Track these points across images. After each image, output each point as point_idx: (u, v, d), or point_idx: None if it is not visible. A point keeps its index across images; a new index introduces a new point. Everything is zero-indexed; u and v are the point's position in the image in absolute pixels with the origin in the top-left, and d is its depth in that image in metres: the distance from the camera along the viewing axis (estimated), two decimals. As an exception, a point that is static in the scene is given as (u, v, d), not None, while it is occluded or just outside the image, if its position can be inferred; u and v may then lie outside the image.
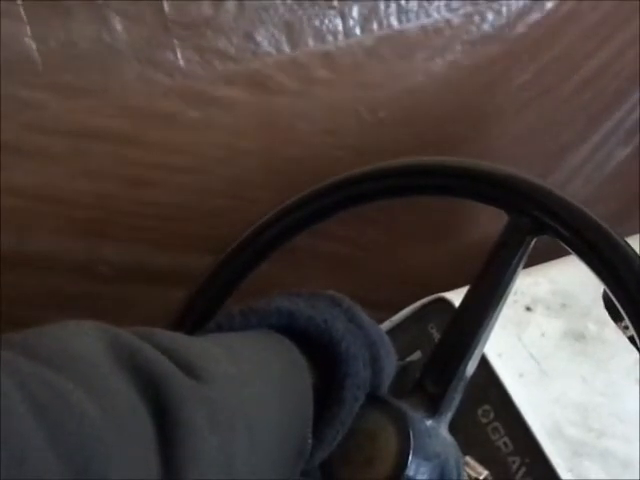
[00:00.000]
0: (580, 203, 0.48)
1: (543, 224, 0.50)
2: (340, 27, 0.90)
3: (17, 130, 0.79)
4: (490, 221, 0.53)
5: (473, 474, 0.55)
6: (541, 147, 1.13)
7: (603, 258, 0.47)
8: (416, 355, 0.66)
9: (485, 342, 0.51)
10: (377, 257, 1.07)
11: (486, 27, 0.98)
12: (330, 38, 0.90)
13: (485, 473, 0.56)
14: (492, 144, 1.07)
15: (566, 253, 0.51)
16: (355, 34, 0.92)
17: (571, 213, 0.48)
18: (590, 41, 1.06)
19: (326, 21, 0.89)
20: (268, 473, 0.40)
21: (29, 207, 0.83)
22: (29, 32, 0.74)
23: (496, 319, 0.51)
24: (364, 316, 0.48)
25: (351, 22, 0.91)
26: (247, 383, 0.39)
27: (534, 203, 0.50)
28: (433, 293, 0.72)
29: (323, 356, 0.44)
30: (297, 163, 0.93)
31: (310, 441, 0.43)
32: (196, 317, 0.59)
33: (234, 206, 0.93)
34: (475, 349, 0.50)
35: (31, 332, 0.33)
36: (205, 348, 0.39)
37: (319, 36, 0.90)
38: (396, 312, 0.74)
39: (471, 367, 0.51)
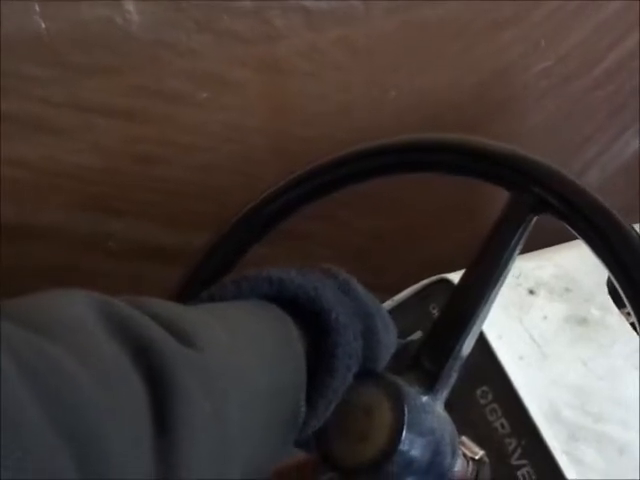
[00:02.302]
0: (583, 182, 0.48)
1: (544, 202, 0.49)
2: (359, 11, 0.90)
3: (25, 104, 0.79)
4: (498, 203, 0.53)
5: (469, 454, 0.55)
6: (559, 138, 1.12)
7: (604, 239, 0.47)
8: (417, 335, 0.66)
9: (483, 320, 0.51)
10: (389, 244, 1.07)
11: (504, 11, 0.97)
12: (348, 23, 0.90)
13: (481, 453, 0.56)
14: (505, 132, 1.06)
15: (571, 238, 0.51)
16: (374, 18, 0.91)
17: (573, 191, 0.48)
18: (614, 31, 1.05)
19: (344, 5, 0.89)
20: (261, 440, 0.40)
21: (36, 180, 0.84)
22: (38, 10, 0.75)
23: (495, 298, 0.50)
24: (360, 288, 0.48)
25: (370, 6, 0.90)
26: (240, 351, 0.39)
27: (536, 180, 0.49)
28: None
29: (314, 325, 0.44)
30: (307, 143, 0.93)
31: (303, 409, 0.43)
32: (195, 291, 0.59)
33: (242, 184, 0.93)
34: (473, 327, 0.50)
35: (21, 301, 0.32)
36: (198, 316, 0.39)
37: (337, 20, 0.89)
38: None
39: (468, 345, 0.50)
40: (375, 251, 1.06)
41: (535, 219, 0.50)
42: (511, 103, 1.06)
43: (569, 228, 0.49)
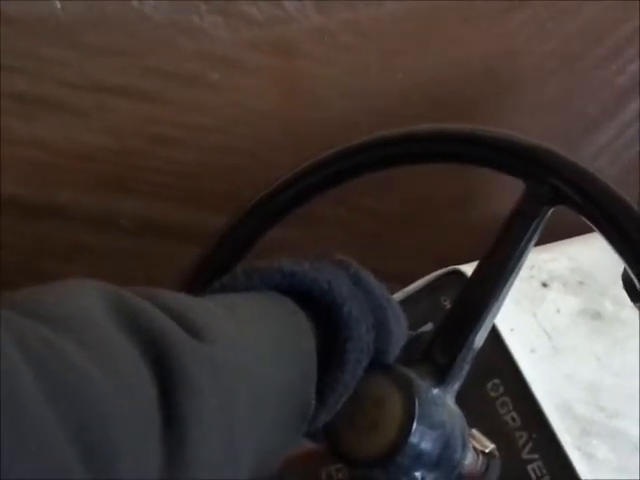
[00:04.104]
0: (600, 173, 0.47)
1: (561, 194, 0.48)
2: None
3: (40, 84, 0.80)
4: (512, 193, 0.52)
5: (479, 447, 0.55)
6: (564, 121, 1.11)
7: (623, 232, 0.46)
8: (428, 327, 0.66)
9: (496, 313, 0.50)
10: (398, 229, 1.07)
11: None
12: (359, 6, 0.89)
13: (491, 446, 0.55)
14: (512, 114, 1.06)
15: (586, 231, 0.50)
16: (383, 2, 0.91)
17: (591, 183, 0.47)
18: (616, 11, 1.04)
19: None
20: (270, 434, 0.40)
21: (50, 160, 0.84)
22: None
23: (508, 291, 0.50)
24: (371, 280, 0.47)
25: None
26: (250, 344, 0.39)
27: (552, 171, 0.48)
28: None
29: (326, 319, 0.44)
30: (317, 126, 0.93)
31: (313, 403, 0.42)
32: (209, 276, 0.58)
33: (255, 166, 0.93)
34: (485, 320, 0.49)
35: (31, 291, 0.32)
36: (208, 309, 0.38)
37: (346, 3, 0.89)
38: (415, 284, 0.74)
39: (480, 338, 0.50)
40: (388, 237, 1.06)
41: (551, 211, 0.50)
42: (518, 85, 1.05)
43: (586, 220, 0.49)
